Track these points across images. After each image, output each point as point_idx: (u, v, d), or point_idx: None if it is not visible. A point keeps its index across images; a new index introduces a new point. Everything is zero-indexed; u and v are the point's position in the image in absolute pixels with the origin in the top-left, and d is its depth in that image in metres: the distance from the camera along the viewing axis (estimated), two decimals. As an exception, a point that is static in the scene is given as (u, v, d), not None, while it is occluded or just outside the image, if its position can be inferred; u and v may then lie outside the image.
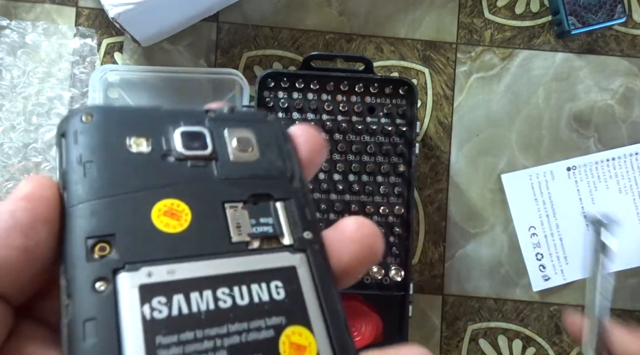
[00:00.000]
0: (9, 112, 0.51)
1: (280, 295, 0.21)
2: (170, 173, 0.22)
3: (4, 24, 0.51)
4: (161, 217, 0.21)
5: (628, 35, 0.54)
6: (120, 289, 0.19)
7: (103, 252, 0.20)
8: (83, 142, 0.22)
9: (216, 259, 0.21)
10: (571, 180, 0.53)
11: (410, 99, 0.47)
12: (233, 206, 0.23)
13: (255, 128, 0.25)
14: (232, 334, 0.20)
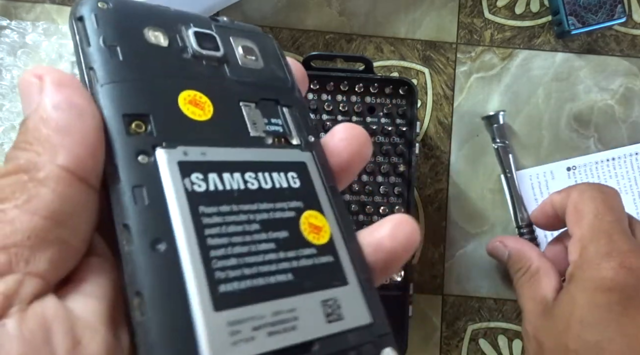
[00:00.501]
0: (9, 112, 0.51)
1: (297, 184, 0.24)
2: (189, 67, 0.24)
3: (4, 24, 0.51)
4: (187, 105, 0.22)
5: (628, 35, 0.54)
6: (161, 163, 0.20)
7: (140, 129, 0.21)
8: (104, 25, 0.22)
9: (240, 148, 0.23)
10: (571, 180, 0.53)
11: (410, 99, 0.47)
12: (247, 105, 0.25)
13: (256, 39, 0.27)
14: (262, 211, 0.22)
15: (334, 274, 0.22)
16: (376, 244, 0.23)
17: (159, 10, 0.24)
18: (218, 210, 0.21)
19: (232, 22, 0.26)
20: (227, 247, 0.20)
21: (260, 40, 0.27)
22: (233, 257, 0.20)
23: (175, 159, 0.21)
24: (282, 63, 0.27)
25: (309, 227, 0.23)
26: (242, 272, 0.20)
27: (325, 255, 0.23)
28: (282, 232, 0.22)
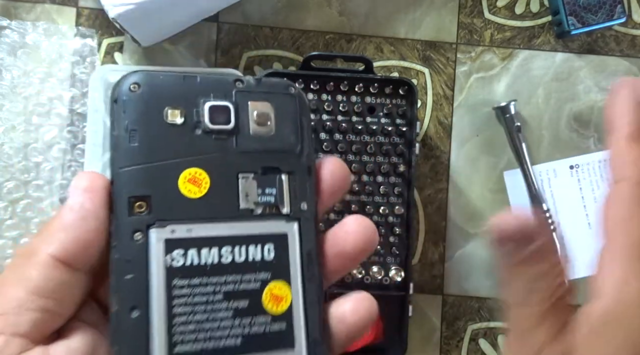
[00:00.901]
0: (10, 112, 0.51)
1: (270, 256, 0.27)
2: (197, 144, 0.27)
3: (4, 24, 0.51)
4: (186, 184, 0.26)
5: (628, 35, 0.54)
6: (151, 241, 0.25)
7: (141, 209, 0.25)
8: (130, 110, 0.26)
9: (225, 222, 0.27)
10: (574, 178, 0.53)
11: (410, 99, 0.47)
12: (245, 176, 0.27)
13: (276, 101, 0.29)
14: (229, 283, 0.26)
15: (283, 339, 0.26)
16: (340, 316, 0.27)
17: (184, 83, 0.28)
18: (189, 283, 0.25)
19: (257, 83, 0.28)
20: (189, 315, 0.25)
21: (282, 101, 0.29)
22: (192, 324, 0.25)
23: (162, 237, 0.25)
24: (298, 124, 0.29)
25: (271, 297, 0.27)
26: (197, 336, 0.25)
27: (278, 323, 0.27)
28: (242, 302, 0.26)
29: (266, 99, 0.29)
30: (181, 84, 0.28)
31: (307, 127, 0.29)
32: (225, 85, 0.28)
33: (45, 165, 0.50)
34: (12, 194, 0.50)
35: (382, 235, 0.47)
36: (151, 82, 0.27)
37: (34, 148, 0.50)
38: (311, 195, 0.29)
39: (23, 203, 0.50)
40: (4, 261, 0.50)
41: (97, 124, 0.50)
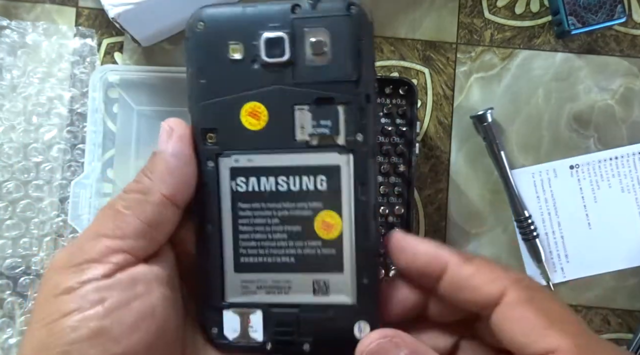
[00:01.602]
0: (9, 112, 0.51)
1: (323, 187, 0.29)
2: (256, 78, 0.29)
3: (4, 24, 0.51)
4: (246, 117, 0.29)
5: (628, 35, 0.54)
6: (220, 168, 0.30)
7: (211, 140, 0.30)
8: (197, 49, 0.30)
9: (282, 154, 0.29)
10: (574, 178, 0.53)
11: (410, 99, 0.47)
12: (301, 108, 0.29)
13: (333, 26, 0.29)
14: (284, 209, 0.29)
15: (332, 263, 0.29)
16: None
17: (243, 15, 0.29)
18: (250, 206, 0.30)
19: (315, 6, 0.29)
20: (251, 233, 0.30)
21: (340, 25, 0.29)
22: (253, 241, 0.30)
23: (228, 166, 0.30)
24: (356, 51, 0.29)
25: (322, 224, 0.29)
26: (257, 251, 0.30)
27: (328, 248, 0.29)
28: (296, 226, 0.29)
29: (323, 24, 0.29)
30: (241, 17, 0.29)
31: (366, 52, 0.29)
32: (283, 13, 0.29)
33: (45, 165, 0.50)
34: (11, 194, 0.50)
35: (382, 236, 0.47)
36: (214, 19, 0.29)
37: (34, 148, 0.50)
38: (368, 125, 0.29)
39: (23, 203, 0.50)
40: (4, 262, 0.50)
41: (97, 124, 0.50)
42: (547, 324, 0.24)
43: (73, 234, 0.50)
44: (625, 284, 0.52)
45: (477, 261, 0.27)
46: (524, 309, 0.25)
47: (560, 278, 0.52)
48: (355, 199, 0.29)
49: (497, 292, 0.25)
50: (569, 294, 0.52)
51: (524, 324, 0.24)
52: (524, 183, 0.52)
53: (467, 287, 0.26)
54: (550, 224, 0.52)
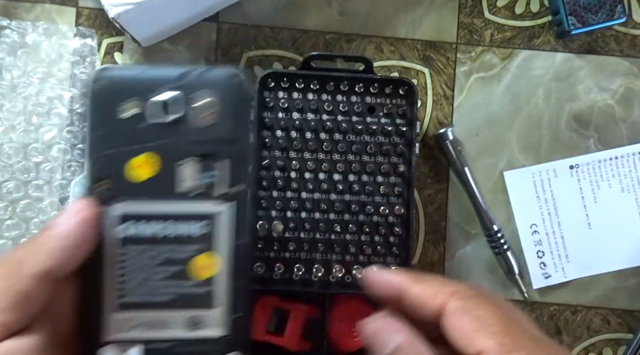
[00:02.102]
0: (9, 112, 0.51)
1: (204, 231, 0.33)
2: (147, 133, 0.32)
3: (4, 24, 0.51)
4: (137, 168, 0.32)
5: (628, 35, 0.54)
6: (110, 214, 0.32)
7: (103, 187, 0.32)
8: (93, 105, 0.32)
9: (168, 201, 0.32)
10: (574, 178, 0.53)
11: (410, 99, 0.47)
12: (187, 161, 0.32)
13: (221, 91, 0.33)
14: (166, 251, 0.32)
15: (207, 299, 0.33)
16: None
17: (140, 76, 0.33)
18: (135, 249, 0.32)
19: (204, 73, 0.33)
20: (134, 273, 0.32)
21: (228, 90, 0.33)
22: (135, 281, 0.32)
23: (117, 211, 0.32)
24: (239, 113, 0.33)
25: (198, 265, 0.33)
26: (139, 291, 0.32)
27: (205, 287, 0.33)
28: (175, 267, 0.32)
29: (210, 89, 0.33)
30: (138, 78, 0.33)
31: (248, 114, 0.33)
32: (175, 77, 0.33)
33: (45, 165, 0.50)
34: (12, 194, 0.50)
35: (381, 236, 0.47)
36: (113, 78, 0.32)
37: (34, 148, 0.50)
38: (246, 178, 0.33)
39: (23, 203, 0.50)
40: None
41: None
42: (477, 328, 0.27)
43: (73, 234, 0.50)
44: (625, 284, 0.52)
45: (425, 280, 0.30)
46: (459, 317, 0.28)
47: (561, 278, 0.52)
48: (231, 242, 0.33)
49: (438, 306, 0.28)
50: (569, 294, 0.52)
51: (459, 330, 0.27)
52: (524, 183, 0.52)
53: (417, 305, 0.29)
54: (550, 224, 0.52)
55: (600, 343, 0.52)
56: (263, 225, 0.46)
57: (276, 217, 0.47)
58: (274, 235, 0.47)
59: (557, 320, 0.52)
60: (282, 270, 0.46)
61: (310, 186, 0.47)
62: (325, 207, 0.47)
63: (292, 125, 0.47)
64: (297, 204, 0.47)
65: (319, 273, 0.46)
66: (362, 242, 0.47)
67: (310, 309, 0.46)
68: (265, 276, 0.47)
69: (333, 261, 0.47)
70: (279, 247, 0.47)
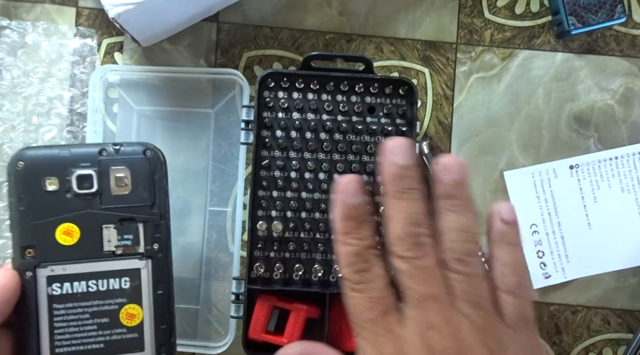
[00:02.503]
0: (9, 112, 0.51)
1: (127, 286, 0.38)
2: (69, 204, 0.38)
3: (4, 24, 0.51)
4: (61, 235, 0.37)
5: (628, 35, 0.54)
6: (37, 277, 0.37)
7: (30, 254, 0.37)
8: (16, 183, 0.37)
9: (92, 262, 0.38)
10: (574, 178, 0.53)
11: (410, 99, 0.47)
12: (107, 226, 0.38)
13: (133, 165, 0.38)
14: (94, 306, 0.38)
15: (135, 344, 0.38)
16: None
17: (58, 156, 0.38)
18: (64, 306, 0.37)
19: (117, 152, 0.38)
20: (65, 328, 0.37)
21: (138, 164, 0.38)
22: (67, 334, 0.37)
23: (44, 275, 0.37)
24: (151, 182, 0.39)
25: (126, 315, 0.38)
26: (71, 342, 0.37)
27: (132, 333, 0.38)
28: (104, 319, 0.38)
29: (124, 164, 0.38)
30: (56, 157, 0.38)
31: (159, 183, 0.39)
32: (91, 155, 0.38)
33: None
34: (12, 194, 0.50)
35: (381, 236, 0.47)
36: (32, 159, 0.38)
37: (34, 148, 0.50)
38: (162, 237, 0.39)
39: (23, 203, 0.50)
40: (4, 262, 0.50)
41: (97, 124, 0.50)
42: None
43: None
44: (625, 284, 0.52)
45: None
46: None
47: (561, 278, 0.52)
48: (154, 293, 0.38)
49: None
50: (569, 294, 0.52)
51: None
52: (523, 183, 0.52)
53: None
54: (550, 224, 0.52)
55: (600, 343, 0.52)
56: (263, 225, 0.46)
57: (276, 217, 0.47)
58: (273, 235, 0.47)
59: (557, 320, 0.52)
60: (282, 270, 0.46)
61: (310, 186, 0.47)
62: (325, 207, 0.47)
63: (292, 125, 0.47)
64: (297, 204, 0.47)
65: (319, 273, 0.46)
66: (362, 242, 0.47)
67: (310, 309, 0.46)
68: (265, 276, 0.47)
69: (333, 261, 0.47)
70: (279, 247, 0.47)
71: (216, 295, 0.50)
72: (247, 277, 0.46)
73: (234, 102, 0.52)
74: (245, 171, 0.50)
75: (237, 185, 0.50)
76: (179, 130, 0.51)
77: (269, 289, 0.46)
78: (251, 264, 0.46)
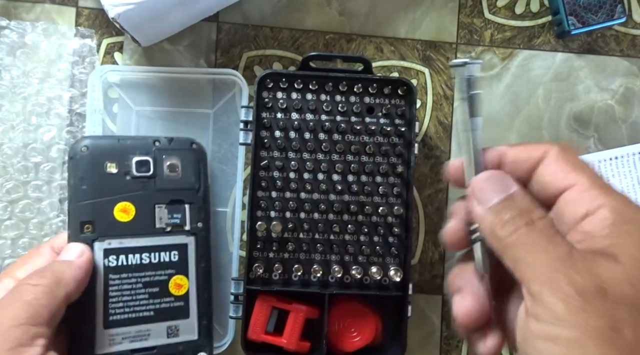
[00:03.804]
0: (9, 113, 0.51)
1: (176, 258, 0.44)
2: (127, 186, 0.44)
3: (4, 24, 0.51)
4: (119, 212, 0.43)
5: (628, 35, 0.54)
6: (95, 250, 0.42)
7: (88, 229, 0.42)
8: (81, 166, 0.43)
9: (145, 237, 0.43)
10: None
11: (409, 99, 0.47)
12: (160, 206, 0.44)
13: (182, 154, 0.45)
14: (146, 276, 0.43)
15: (181, 312, 0.44)
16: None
17: (118, 145, 0.44)
18: (119, 276, 0.42)
19: (169, 142, 0.45)
20: (119, 297, 0.42)
21: (186, 154, 0.45)
22: (121, 302, 0.42)
23: (102, 248, 0.42)
24: (197, 169, 0.46)
25: (175, 285, 0.44)
26: (124, 310, 0.42)
27: (179, 301, 0.44)
28: (155, 288, 0.43)
29: (175, 153, 0.45)
30: (117, 145, 0.44)
31: (203, 171, 0.46)
32: (147, 145, 0.45)
33: (44, 165, 0.50)
34: (11, 195, 0.50)
35: (380, 236, 0.47)
36: (95, 145, 0.43)
37: (33, 148, 0.51)
38: (205, 217, 0.45)
39: (22, 203, 0.50)
40: (3, 262, 0.50)
41: (97, 125, 0.50)
42: (572, 169, 0.30)
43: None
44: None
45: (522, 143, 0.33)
46: (557, 160, 0.31)
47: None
48: (197, 265, 0.45)
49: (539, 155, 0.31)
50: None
51: (554, 171, 0.31)
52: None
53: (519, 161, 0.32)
54: (550, 225, 0.52)
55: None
56: (262, 225, 0.46)
57: (275, 218, 0.47)
58: (272, 236, 0.47)
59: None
60: (281, 271, 0.46)
61: (309, 187, 0.47)
62: (324, 207, 0.47)
63: (290, 125, 0.47)
64: (296, 205, 0.47)
65: (318, 273, 0.46)
66: (361, 243, 0.47)
67: (310, 309, 0.46)
68: (264, 276, 0.47)
69: (332, 261, 0.47)
70: (278, 247, 0.47)
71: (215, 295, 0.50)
72: (246, 278, 0.46)
73: (233, 102, 0.52)
74: (244, 172, 0.50)
75: (236, 186, 0.50)
76: (179, 131, 0.51)
77: (268, 289, 0.46)
78: (250, 264, 0.46)
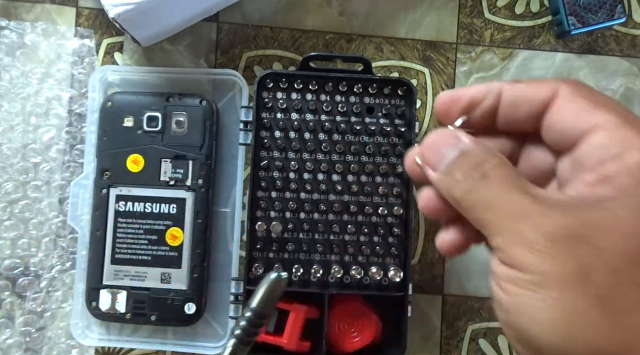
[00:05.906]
0: (8, 113, 0.51)
1: (174, 211, 0.47)
2: (139, 139, 0.48)
3: (3, 24, 0.51)
4: (130, 163, 0.47)
5: (628, 35, 0.54)
6: (109, 195, 0.48)
7: (107, 175, 0.48)
8: (106, 117, 0.48)
9: (151, 188, 0.48)
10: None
11: (409, 100, 0.47)
12: (165, 160, 0.48)
13: (190, 112, 0.48)
14: (147, 224, 0.47)
15: (174, 261, 0.47)
16: None
17: (136, 100, 0.48)
18: (126, 221, 0.47)
19: (179, 99, 0.48)
20: (124, 238, 0.47)
21: (194, 111, 0.48)
22: (125, 244, 0.47)
23: (115, 193, 0.47)
24: (203, 127, 0.48)
25: (171, 235, 0.47)
26: (127, 251, 0.47)
27: (173, 252, 0.47)
28: (154, 236, 0.47)
29: (183, 109, 0.48)
30: (134, 101, 0.48)
31: (209, 129, 0.48)
32: (160, 101, 0.48)
33: (43, 165, 0.50)
34: (10, 195, 0.50)
35: (380, 236, 0.47)
36: (118, 100, 0.48)
37: (32, 149, 0.51)
38: (206, 174, 0.48)
39: (21, 204, 0.50)
40: (3, 262, 0.50)
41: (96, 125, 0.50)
42: (594, 106, 0.26)
43: (72, 234, 0.50)
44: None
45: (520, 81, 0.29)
46: (572, 99, 0.27)
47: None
48: (194, 221, 0.47)
49: (546, 94, 0.27)
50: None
51: (573, 110, 0.26)
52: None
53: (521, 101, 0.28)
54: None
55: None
56: (262, 225, 0.46)
57: (275, 218, 0.47)
58: (272, 236, 0.47)
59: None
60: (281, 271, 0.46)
61: (308, 187, 0.47)
62: (324, 207, 0.47)
63: (290, 125, 0.47)
64: (296, 205, 0.47)
65: (318, 273, 0.46)
66: (361, 243, 0.47)
67: (310, 309, 0.46)
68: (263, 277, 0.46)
69: (332, 261, 0.47)
70: (278, 247, 0.47)
71: (215, 295, 0.50)
72: (246, 278, 0.46)
73: (233, 102, 0.52)
74: (244, 172, 0.50)
75: (236, 186, 0.50)
76: (178, 131, 0.51)
77: (268, 289, 0.46)
78: (250, 264, 0.46)
